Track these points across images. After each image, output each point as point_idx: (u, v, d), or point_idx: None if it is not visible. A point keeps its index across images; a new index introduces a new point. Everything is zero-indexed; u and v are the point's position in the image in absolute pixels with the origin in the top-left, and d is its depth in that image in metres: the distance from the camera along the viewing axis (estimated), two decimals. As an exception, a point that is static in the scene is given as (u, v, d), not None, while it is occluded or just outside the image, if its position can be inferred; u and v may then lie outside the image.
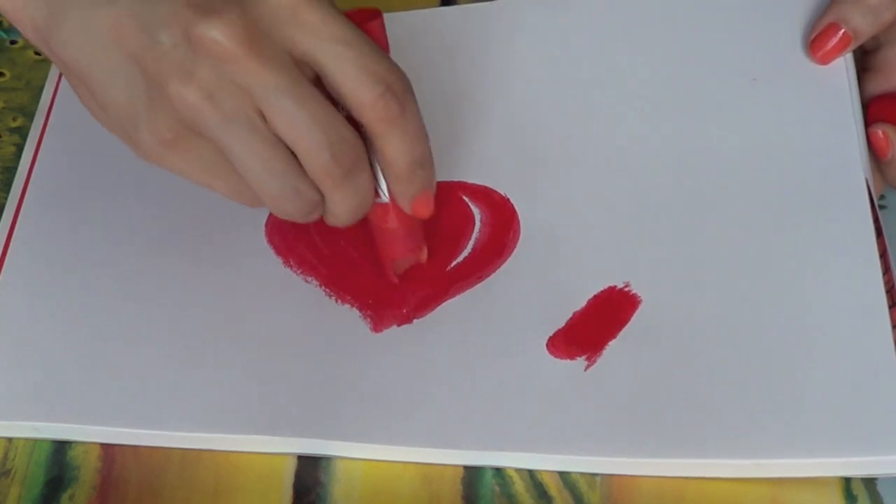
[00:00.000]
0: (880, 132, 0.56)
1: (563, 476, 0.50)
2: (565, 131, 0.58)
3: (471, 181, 0.57)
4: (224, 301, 0.54)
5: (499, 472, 0.50)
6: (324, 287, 0.55)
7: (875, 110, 0.57)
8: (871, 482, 0.50)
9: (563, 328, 0.52)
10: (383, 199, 0.50)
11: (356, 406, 0.51)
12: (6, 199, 0.58)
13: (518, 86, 0.60)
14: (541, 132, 0.59)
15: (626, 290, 0.53)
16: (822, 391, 0.49)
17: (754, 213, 0.54)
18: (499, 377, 0.51)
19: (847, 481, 0.50)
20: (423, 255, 0.54)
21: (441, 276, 0.55)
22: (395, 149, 0.47)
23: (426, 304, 0.54)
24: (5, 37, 0.65)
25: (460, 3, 0.65)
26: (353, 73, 0.46)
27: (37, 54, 0.65)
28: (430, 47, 0.61)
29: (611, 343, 0.52)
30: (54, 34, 0.47)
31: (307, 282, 0.55)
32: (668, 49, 0.60)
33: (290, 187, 0.47)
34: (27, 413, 0.52)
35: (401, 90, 0.46)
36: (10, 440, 0.52)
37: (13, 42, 0.65)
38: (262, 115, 0.46)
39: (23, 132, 0.61)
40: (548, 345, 0.52)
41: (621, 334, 0.52)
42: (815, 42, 0.58)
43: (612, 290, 0.53)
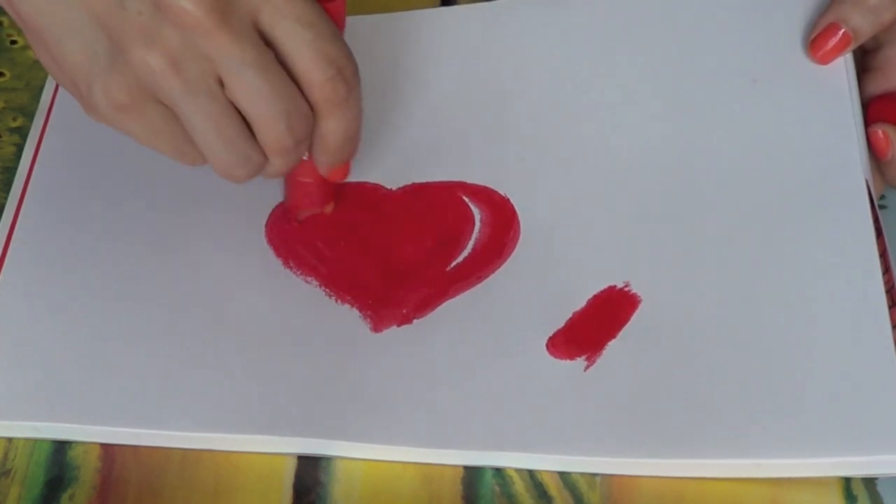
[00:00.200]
0: (880, 132, 0.56)
1: (563, 476, 0.50)
2: (565, 131, 0.58)
3: (471, 181, 0.57)
4: (224, 301, 0.54)
5: (499, 472, 0.50)
6: (324, 287, 0.55)
7: (875, 110, 0.57)
8: (871, 482, 0.50)
9: (563, 328, 0.52)
10: (304, 155, 0.51)
11: (356, 406, 0.51)
12: (6, 199, 0.58)
13: (518, 86, 0.60)
14: (541, 132, 0.59)
15: (626, 289, 0.53)
16: (821, 391, 0.49)
17: (754, 213, 0.54)
18: (499, 377, 0.51)
19: (847, 481, 0.50)
20: (329, 209, 0.56)
21: (441, 276, 0.55)
22: (333, 129, 0.49)
23: (426, 304, 0.54)
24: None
25: (460, 3, 0.65)
26: (307, 54, 0.47)
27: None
28: (430, 47, 0.61)
29: (610, 343, 0.52)
30: None
31: (307, 282, 0.55)
32: (668, 49, 0.60)
33: (241, 153, 0.49)
34: (27, 413, 0.52)
35: (350, 75, 0.48)
36: (10, 440, 0.52)
37: (13, 42, 0.65)
38: (220, 83, 0.47)
39: (23, 132, 0.61)
40: (548, 345, 0.52)
41: (621, 334, 0.52)
42: (815, 42, 0.58)
43: (611, 289, 0.53)
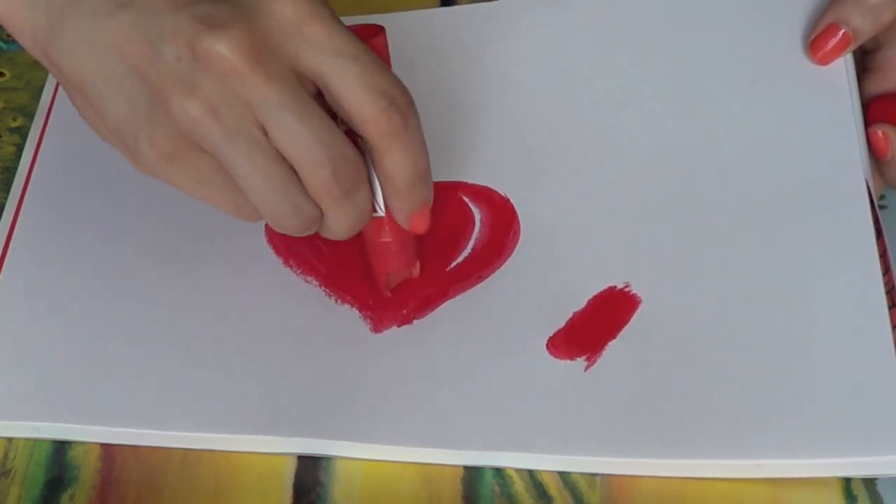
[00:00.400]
0: (880, 132, 0.56)
1: (563, 476, 0.50)
2: (565, 131, 0.58)
3: (471, 181, 0.57)
4: (224, 301, 0.54)
5: (499, 472, 0.50)
6: (324, 287, 0.55)
7: (875, 110, 0.57)
8: (871, 482, 0.50)
9: (563, 328, 0.52)
10: (379, 213, 0.49)
11: (356, 406, 0.51)
12: (6, 199, 0.58)
13: (518, 86, 0.60)
14: (541, 132, 0.59)
15: (626, 290, 0.53)
16: (822, 391, 0.49)
17: (754, 214, 0.54)
18: (499, 377, 0.51)
19: (847, 481, 0.50)
20: (416, 271, 0.54)
21: (441, 277, 0.55)
22: (397, 164, 0.47)
23: (426, 305, 0.54)
24: (5, 48, 0.65)
25: (460, 3, 0.65)
26: (357, 88, 0.45)
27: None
28: (430, 47, 0.61)
29: (611, 343, 0.52)
30: (54, 44, 0.46)
31: (307, 282, 0.55)
32: (668, 49, 0.60)
33: (289, 203, 0.47)
34: (27, 413, 0.52)
35: (404, 105, 0.46)
36: (10, 440, 0.52)
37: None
38: (263, 130, 0.45)
39: (23, 132, 0.61)
40: (548, 345, 0.52)
41: (621, 334, 0.52)
42: (815, 42, 0.58)
43: (611, 290, 0.53)
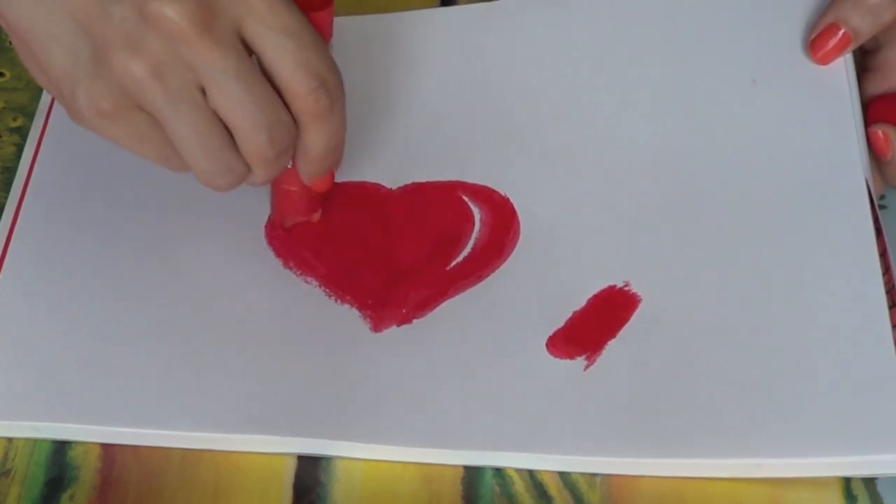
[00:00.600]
0: (880, 132, 0.56)
1: (563, 476, 0.50)
2: (565, 131, 0.58)
3: (471, 181, 0.57)
4: (224, 301, 0.54)
5: (499, 472, 0.50)
6: (324, 287, 0.55)
7: (875, 110, 0.57)
8: (871, 482, 0.50)
9: (563, 328, 0.52)
10: (288, 164, 0.51)
11: (356, 406, 0.51)
12: (6, 199, 0.58)
13: (518, 86, 0.60)
14: (541, 132, 0.59)
15: (626, 289, 0.53)
16: (822, 391, 0.49)
17: (754, 214, 0.54)
18: (499, 377, 0.51)
19: (847, 481, 0.50)
20: (315, 217, 0.56)
21: (441, 276, 0.54)
22: (316, 140, 0.49)
23: (426, 304, 0.54)
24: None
25: (460, 3, 0.65)
26: (290, 64, 0.47)
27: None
28: (430, 47, 0.61)
29: (610, 343, 0.52)
30: None
31: (307, 282, 0.55)
32: (668, 50, 0.60)
33: (223, 163, 0.48)
34: (27, 413, 0.52)
35: (333, 86, 0.48)
36: (10, 440, 0.52)
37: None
38: (203, 92, 0.47)
39: (23, 132, 0.61)
40: (547, 345, 0.52)
41: (621, 334, 0.52)
42: (815, 42, 0.58)
43: (611, 289, 0.53)
